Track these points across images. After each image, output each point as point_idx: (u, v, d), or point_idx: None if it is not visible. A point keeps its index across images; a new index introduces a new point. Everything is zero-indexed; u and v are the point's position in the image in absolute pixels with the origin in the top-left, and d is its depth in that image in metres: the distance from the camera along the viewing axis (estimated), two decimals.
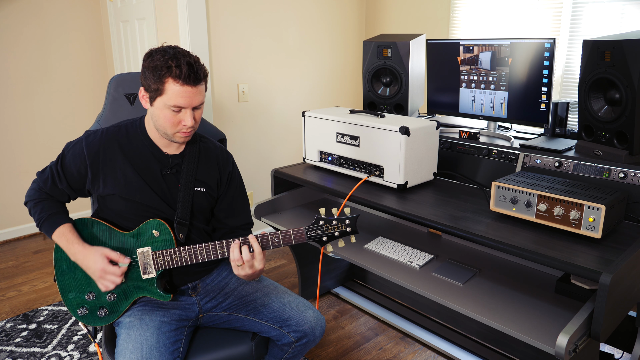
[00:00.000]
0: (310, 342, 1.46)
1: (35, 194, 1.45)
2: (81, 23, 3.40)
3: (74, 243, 1.38)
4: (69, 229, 1.40)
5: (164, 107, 1.32)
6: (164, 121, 1.34)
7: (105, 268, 1.34)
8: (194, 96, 1.32)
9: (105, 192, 1.40)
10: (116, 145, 1.41)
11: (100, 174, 1.40)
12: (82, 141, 1.42)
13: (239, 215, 1.57)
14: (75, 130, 3.49)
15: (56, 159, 1.44)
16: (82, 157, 1.40)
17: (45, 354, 2.11)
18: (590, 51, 1.64)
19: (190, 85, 1.30)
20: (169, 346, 1.33)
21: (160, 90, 1.30)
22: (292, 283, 2.75)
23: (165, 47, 1.32)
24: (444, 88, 2.24)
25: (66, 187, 1.44)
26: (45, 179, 1.44)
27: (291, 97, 3.28)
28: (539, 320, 1.36)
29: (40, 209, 1.43)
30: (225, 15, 2.83)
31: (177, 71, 1.28)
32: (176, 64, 1.28)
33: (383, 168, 1.89)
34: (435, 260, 1.75)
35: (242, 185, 1.60)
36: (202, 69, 1.33)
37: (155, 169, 1.43)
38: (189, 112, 1.33)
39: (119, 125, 1.46)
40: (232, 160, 1.58)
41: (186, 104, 1.31)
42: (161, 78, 1.29)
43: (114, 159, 1.40)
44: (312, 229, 1.32)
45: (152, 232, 1.39)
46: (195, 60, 1.31)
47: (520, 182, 1.57)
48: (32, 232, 3.46)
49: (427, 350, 2.15)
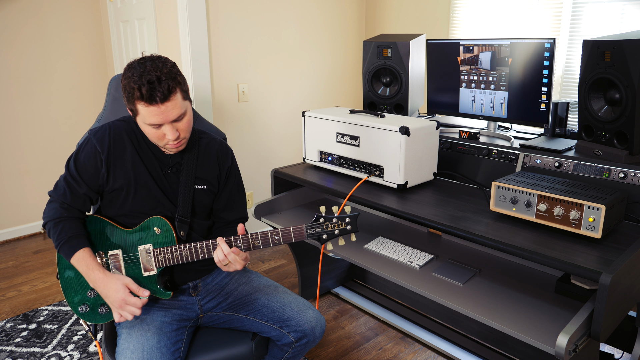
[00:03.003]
0: (310, 342, 1.46)
1: (54, 213, 1.39)
2: (81, 23, 3.40)
3: (94, 269, 1.34)
4: (89, 253, 1.36)
5: (143, 124, 1.32)
6: (150, 136, 1.35)
7: (127, 299, 1.31)
8: (166, 112, 1.28)
9: (115, 186, 1.40)
10: (125, 137, 1.41)
11: (112, 167, 1.40)
12: (91, 139, 1.40)
13: (234, 210, 1.57)
14: (75, 131, 3.49)
15: (66, 169, 1.41)
16: (96, 153, 1.38)
17: (45, 354, 2.11)
18: (590, 51, 1.64)
19: (157, 104, 1.26)
20: (170, 346, 1.33)
21: (134, 111, 1.30)
22: (292, 283, 2.75)
23: (136, 62, 1.28)
24: (444, 88, 2.24)
25: (87, 191, 1.40)
26: (62, 193, 1.40)
27: (291, 97, 3.28)
28: (539, 320, 1.36)
29: (60, 230, 1.37)
30: (225, 15, 2.83)
31: (138, 94, 1.25)
32: (138, 87, 1.24)
33: (383, 168, 1.89)
34: (435, 260, 1.75)
35: (239, 180, 1.60)
36: (167, 84, 1.25)
37: (157, 166, 1.43)
38: (168, 127, 1.31)
39: (124, 119, 1.45)
40: (231, 155, 1.58)
41: (161, 120, 1.29)
42: (130, 99, 1.28)
43: (124, 152, 1.40)
44: (312, 227, 1.33)
45: (153, 229, 1.40)
46: (158, 77, 1.25)
47: (520, 182, 1.57)
48: (32, 232, 3.46)
49: (427, 350, 2.15)
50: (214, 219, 1.57)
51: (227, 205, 1.56)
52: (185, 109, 1.33)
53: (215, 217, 1.57)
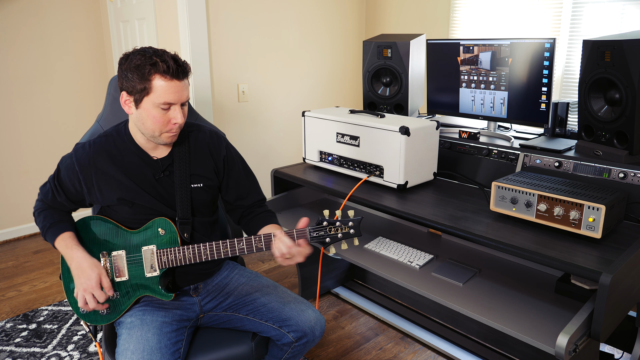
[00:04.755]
0: (309, 342, 1.46)
1: (39, 205, 1.47)
2: (81, 23, 3.40)
3: (74, 248, 1.36)
4: (70, 235, 1.39)
5: (152, 106, 1.29)
6: (153, 122, 1.31)
7: (95, 287, 1.32)
8: (182, 91, 1.30)
9: (105, 202, 1.41)
10: (106, 156, 1.40)
11: (95, 187, 1.40)
12: (72, 157, 1.40)
13: (249, 194, 1.55)
14: (75, 131, 3.49)
15: (54, 173, 1.45)
16: (74, 172, 1.40)
17: (45, 354, 2.11)
18: (590, 51, 1.64)
19: (178, 79, 1.28)
20: (170, 347, 1.33)
21: (147, 89, 1.27)
22: (292, 283, 2.75)
23: (139, 48, 1.29)
24: (444, 88, 2.24)
25: (65, 200, 1.44)
26: (46, 192, 1.45)
27: (291, 97, 3.28)
28: (539, 320, 1.36)
29: (44, 217, 1.43)
30: (225, 15, 2.83)
31: (163, 66, 1.25)
32: (161, 59, 1.25)
33: (383, 168, 1.89)
34: (435, 260, 1.75)
35: (243, 164, 1.56)
36: (185, 62, 1.31)
37: (147, 174, 1.41)
38: (178, 109, 1.31)
39: (105, 135, 1.43)
40: (224, 143, 1.52)
41: (175, 99, 1.29)
42: (147, 76, 1.26)
43: (105, 171, 1.39)
44: (316, 230, 1.33)
45: (157, 230, 1.40)
46: (173, 56, 1.29)
47: (520, 182, 1.57)
48: (32, 232, 3.46)
49: (427, 350, 2.15)
50: (232, 208, 1.56)
51: (241, 193, 1.54)
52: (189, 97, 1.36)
53: (231, 207, 1.55)
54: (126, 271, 1.40)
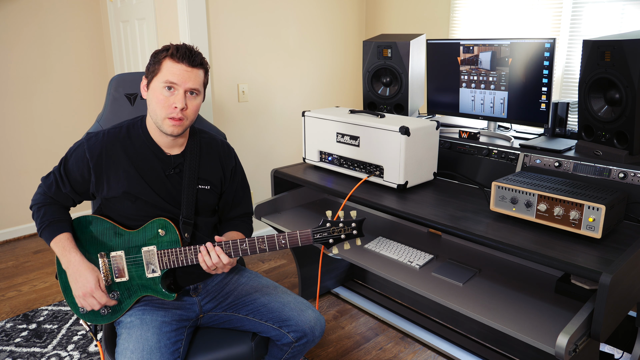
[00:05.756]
0: (309, 342, 1.46)
1: (39, 198, 1.44)
2: (81, 23, 3.40)
3: (72, 251, 1.36)
4: (67, 237, 1.39)
5: (157, 86, 1.34)
6: (156, 103, 1.35)
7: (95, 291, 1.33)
8: (187, 75, 1.33)
9: (110, 194, 1.40)
10: (119, 147, 1.41)
11: (104, 177, 1.40)
12: (83, 144, 1.41)
13: (239, 206, 1.60)
14: (75, 131, 3.49)
15: (59, 163, 1.44)
16: (84, 161, 1.40)
17: (45, 354, 2.11)
18: (590, 51, 1.64)
19: (185, 63, 1.33)
20: (169, 346, 1.33)
21: (157, 70, 1.34)
22: (292, 283, 2.75)
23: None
24: (444, 88, 2.24)
25: (70, 191, 1.43)
26: (49, 184, 1.44)
27: (291, 97, 3.28)
28: (539, 320, 1.36)
29: (42, 214, 1.41)
30: (225, 15, 2.83)
31: (174, 49, 1.33)
32: (175, 47, 1.34)
33: (383, 168, 1.89)
34: (435, 260, 1.75)
35: (243, 176, 1.63)
36: (201, 56, 1.37)
37: (158, 169, 1.43)
38: (180, 93, 1.34)
39: (120, 126, 1.46)
40: (234, 154, 1.59)
41: (178, 80, 1.33)
42: (159, 59, 1.35)
43: (116, 161, 1.40)
44: (319, 231, 1.34)
45: (157, 230, 1.40)
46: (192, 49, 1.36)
47: (520, 182, 1.57)
48: (32, 232, 3.46)
49: (427, 350, 2.15)
50: (220, 216, 1.59)
51: (233, 203, 1.58)
52: (200, 92, 1.39)
53: (219, 214, 1.59)
54: (126, 272, 1.40)
